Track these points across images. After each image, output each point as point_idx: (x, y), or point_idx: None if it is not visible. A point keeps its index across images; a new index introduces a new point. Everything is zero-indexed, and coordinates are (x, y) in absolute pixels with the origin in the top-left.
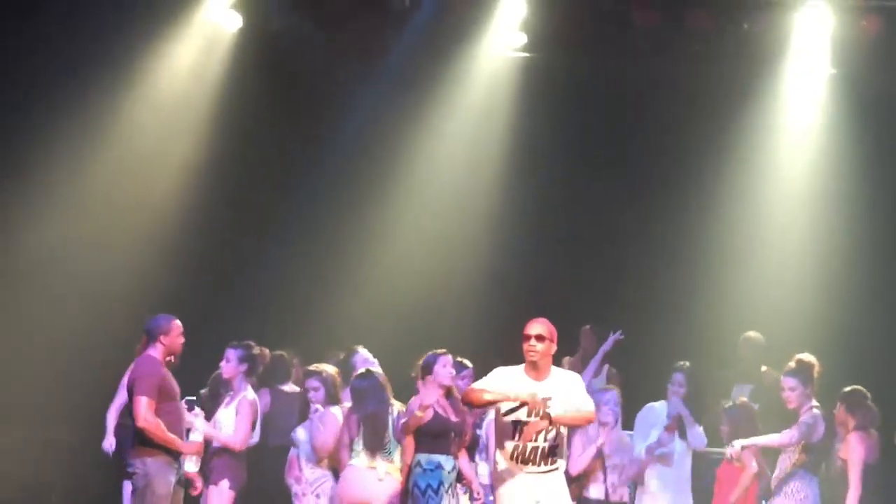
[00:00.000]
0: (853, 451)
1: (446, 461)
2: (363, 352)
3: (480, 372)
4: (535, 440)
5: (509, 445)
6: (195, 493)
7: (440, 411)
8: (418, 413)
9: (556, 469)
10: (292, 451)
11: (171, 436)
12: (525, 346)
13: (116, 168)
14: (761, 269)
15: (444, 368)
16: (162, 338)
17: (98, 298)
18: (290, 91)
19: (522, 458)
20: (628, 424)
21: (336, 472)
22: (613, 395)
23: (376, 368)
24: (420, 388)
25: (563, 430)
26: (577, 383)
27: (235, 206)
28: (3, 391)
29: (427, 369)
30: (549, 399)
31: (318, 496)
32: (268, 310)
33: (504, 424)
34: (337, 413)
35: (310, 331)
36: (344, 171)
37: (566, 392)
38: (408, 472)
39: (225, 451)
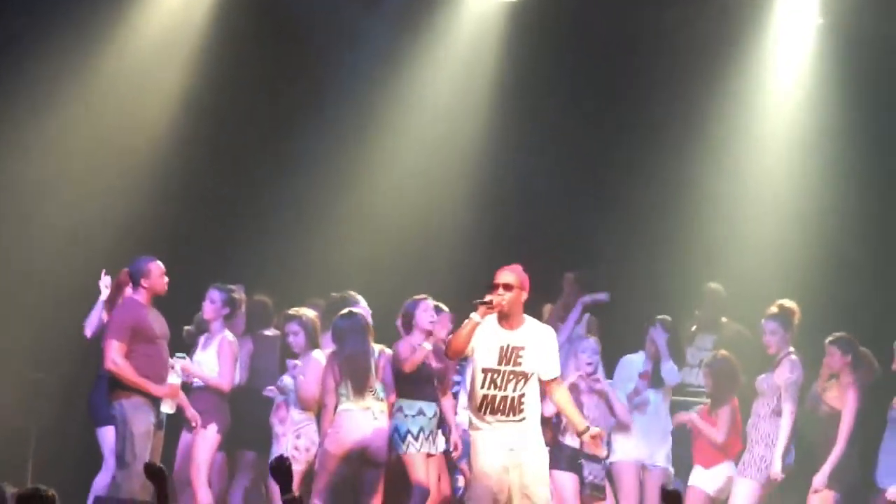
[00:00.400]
0: (850, 404)
1: (428, 407)
2: (357, 298)
3: (461, 317)
4: (505, 390)
5: (479, 394)
6: (195, 432)
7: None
8: (426, 345)
9: (525, 419)
10: (279, 397)
11: (141, 379)
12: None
13: (101, 108)
14: (744, 221)
15: (425, 313)
16: (143, 280)
17: (84, 240)
18: (279, 31)
19: (492, 408)
20: (609, 374)
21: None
22: (591, 343)
23: (359, 310)
24: (402, 333)
25: (533, 380)
26: (550, 340)
27: (221, 147)
28: None
29: (408, 316)
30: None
31: (297, 437)
32: (250, 252)
33: (475, 373)
34: (319, 357)
35: (291, 275)
36: (330, 113)
37: (538, 344)
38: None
39: (209, 394)
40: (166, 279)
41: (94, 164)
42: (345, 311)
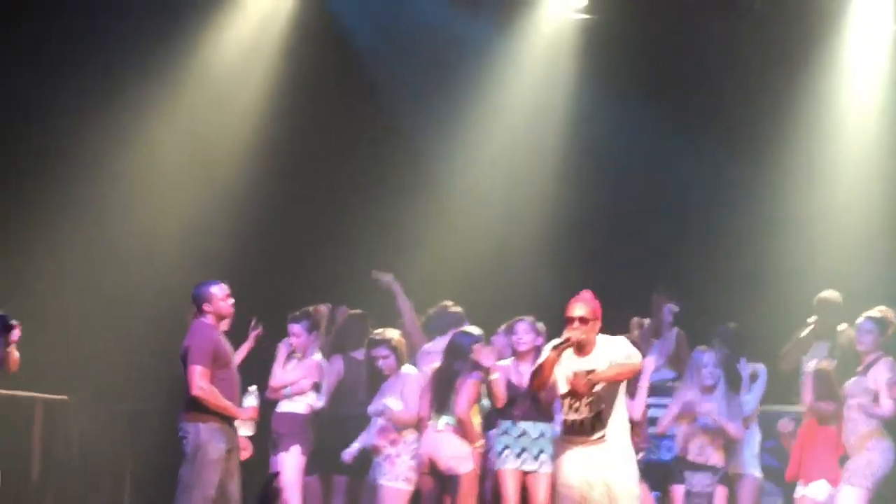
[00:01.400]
0: None
1: (532, 427)
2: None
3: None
4: (579, 412)
5: (562, 418)
6: (243, 458)
7: (511, 378)
8: (494, 375)
9: (607, 437)
10: (383, 420)
11: (227, 402)
12: (568, 328)
13: (173, 145)
14: (833, 224)
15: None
16: (205, 306)
17: (175, 273)
18: (356, 46)
19: (573, 431)
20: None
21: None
22: (711, 356)
23: (479, 332)
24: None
25: (609, 397)
26: (619, 344)
27: (304, 168)
28: (82, 365)
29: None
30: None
31: (412, 458)
32: (333, 271)
33: (559, 399)
34: (412, 371)
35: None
36: (411, 131)
37: (608, 360)
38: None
39: (290, 416)
40: (231, 301)
41: (183, 192)
42: (468, 328)
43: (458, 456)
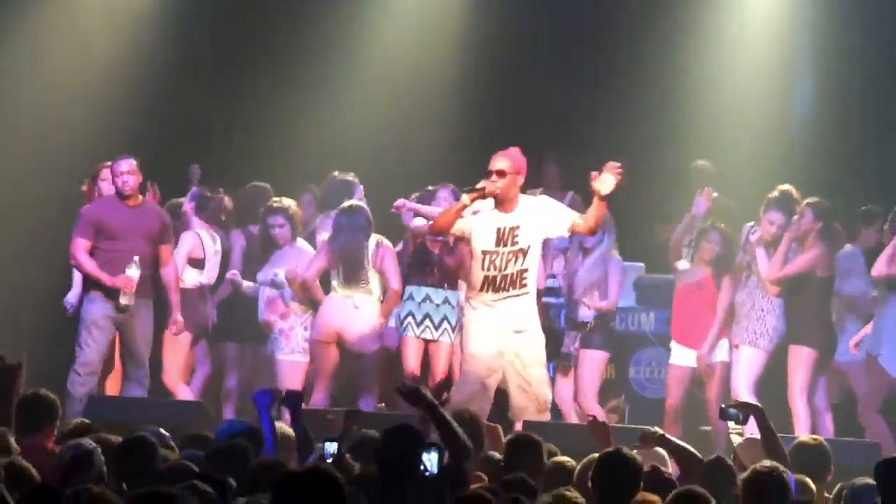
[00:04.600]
0: (807, 256)
1: (434, 293)
2: (355, 182)
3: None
4: (506, 269)
5: (480, 276)
6: (173, 333)
7: (426, 243)
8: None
9: (528, 293)
10: (270, 292)
11: (98, 272)
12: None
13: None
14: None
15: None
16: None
17: (65, 154)
18: None
19: (493, 287)
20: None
21: (315, 305)
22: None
23: (360, 203)
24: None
25: (531, 254)
26: (545, 203)
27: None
28: None
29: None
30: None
31: (305, 329)
32: (236, 144)
33: (475, 256)
34: (306, 247)
35: (281, 164)
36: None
37: (533, 217)
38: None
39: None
40: (125, 178)
41: (74, 75)
42: (346, 205)
43: (368, 334)
